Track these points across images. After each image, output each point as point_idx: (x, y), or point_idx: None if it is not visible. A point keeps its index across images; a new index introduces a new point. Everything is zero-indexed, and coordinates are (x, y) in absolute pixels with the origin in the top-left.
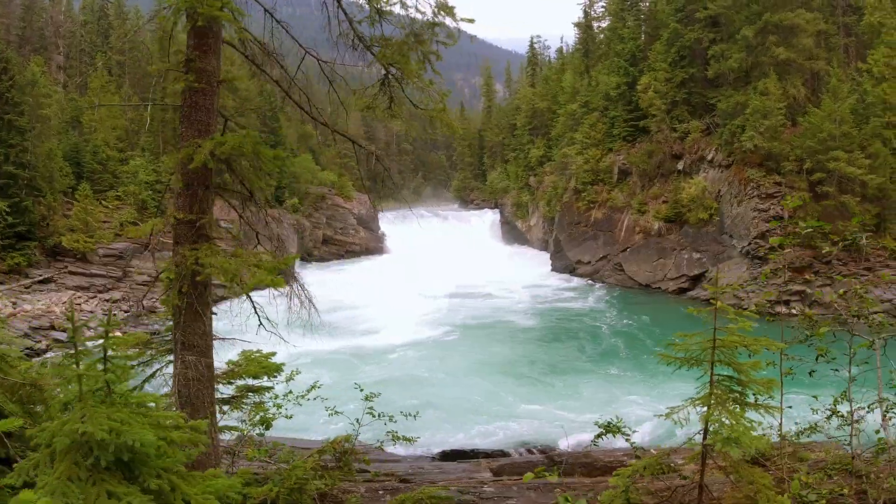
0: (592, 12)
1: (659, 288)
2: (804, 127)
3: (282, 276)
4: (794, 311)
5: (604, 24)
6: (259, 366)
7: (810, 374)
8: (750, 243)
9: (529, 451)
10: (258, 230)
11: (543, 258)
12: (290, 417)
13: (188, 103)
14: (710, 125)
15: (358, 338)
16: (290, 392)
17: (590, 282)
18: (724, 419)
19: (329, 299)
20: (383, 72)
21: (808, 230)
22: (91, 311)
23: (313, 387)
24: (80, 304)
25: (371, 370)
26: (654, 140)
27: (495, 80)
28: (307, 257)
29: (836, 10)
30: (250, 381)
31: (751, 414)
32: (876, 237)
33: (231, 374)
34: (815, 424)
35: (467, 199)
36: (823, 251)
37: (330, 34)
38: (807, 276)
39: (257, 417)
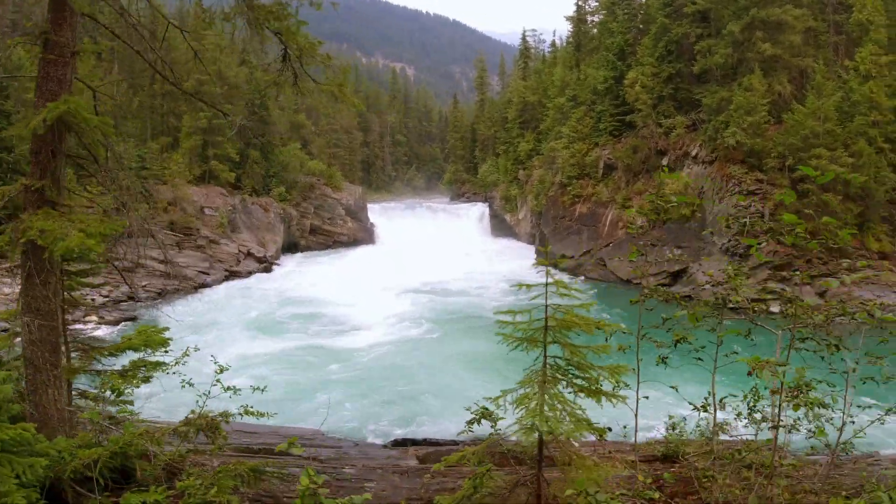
0: (586, 6)
1: (640, 283)
2: (788, 124)
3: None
4: (772, 309)
5: (597, 19)
6: (144, 338)
7: (663, 360)
8: (730, 240)
9: (474, 443)
10: (117, 195)
11: (530, 252)
12: (138, 386)
13: (41, 74)
14: (695, 121)
15: (329, 334)
16: (151, 362)
17: (572, 277)
18: (532, 405)
19: (303, 294)
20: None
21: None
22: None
23: (177, 362)
24: None
25: (341, 367)
26: (640, 135)
27: (492, 73)
28: (294, 247)
29: (827, 7)
30: (147, 356)
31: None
32: (857, 237)
33: (116, 347)
34: (726, 422)
35: (459, 192)
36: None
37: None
38: (785, 274)
39: (110, 385)
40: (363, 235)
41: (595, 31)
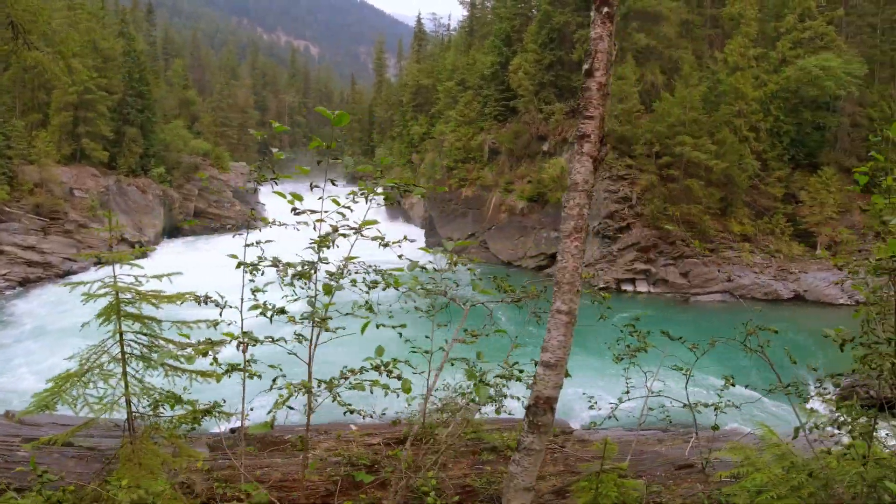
0: None
1: (520, 265)
2: (657, 112)
3: None
4: (640, 290)
5: (491, 4)
6: None
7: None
8: (600, 223)
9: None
10: None
11: (422, 236)
12: None
13: None
14: (573, 108)
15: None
16: None
17: (461, 259)
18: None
19: (171, 284)
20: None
21: None
22: None
23: None
24: None
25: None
26: (522, 121)
27: (394, 55)
28: (176, 231)
29: (704, 0)
30: None
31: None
32: (721, 220)
33: None
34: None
35: (356, 176)
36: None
37: None
38: (651, 256)
39: None
40: (252, 220)
41: (489, 16)
